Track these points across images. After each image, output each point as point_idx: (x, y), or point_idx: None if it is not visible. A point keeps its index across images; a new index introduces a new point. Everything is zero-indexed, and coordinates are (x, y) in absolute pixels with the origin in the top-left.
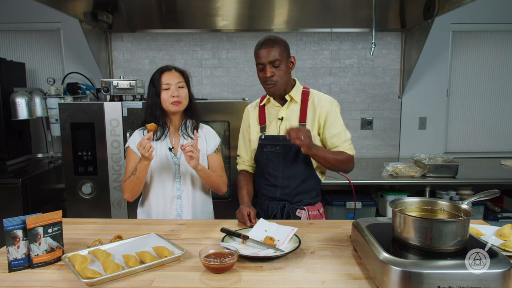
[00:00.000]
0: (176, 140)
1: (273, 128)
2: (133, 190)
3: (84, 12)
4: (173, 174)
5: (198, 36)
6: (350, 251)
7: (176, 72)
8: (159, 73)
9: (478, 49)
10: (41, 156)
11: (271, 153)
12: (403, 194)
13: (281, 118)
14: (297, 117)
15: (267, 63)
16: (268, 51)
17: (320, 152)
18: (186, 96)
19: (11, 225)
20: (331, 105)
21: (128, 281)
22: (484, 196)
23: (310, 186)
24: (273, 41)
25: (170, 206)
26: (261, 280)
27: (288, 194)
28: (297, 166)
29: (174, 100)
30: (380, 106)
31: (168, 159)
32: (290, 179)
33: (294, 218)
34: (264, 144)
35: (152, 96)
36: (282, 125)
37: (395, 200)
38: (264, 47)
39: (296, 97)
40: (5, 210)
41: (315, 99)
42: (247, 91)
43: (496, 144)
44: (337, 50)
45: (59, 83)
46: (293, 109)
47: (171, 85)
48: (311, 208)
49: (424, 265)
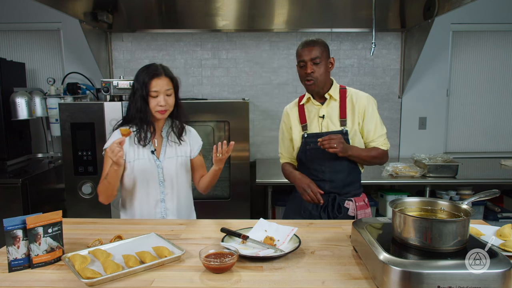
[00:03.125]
0: (159, 143)
1: (315, 126)
2: (106, 193)
3: (84, 12)
4: (156, 177)
5: (198, 36)
6: (350, 251)
7: (166, 78)
8: (148, 77)
9: (478, 49)
10: (41, 156)
11: (315, 149)
12: (403, 194)
13: (322, 116)
14: (337, 114)
15: (308, 60)
16: (310, 50)
17: (355, 152)
18: (172, 104)
19: (11, 225)
20: (368, 101)
21: (128, 281)
22: (484, 196)
23: (355, 178)
24: (315, 41)
25: (154, 210)
26: (261, 280)
27: (336, 187)
28: (341, 160)
29: (160, 110)
30: (380, 106)
31: (151, 162)
32: (337, 173)
33: (344, 210)
34: (307, 142)
35: (139, 100)
36: (324, 123)
37: (395, 200)
38: (306, 46)
39: (335, 95)
40: (5, 210)
41: (353, 96)
42: (247, 91)
43: (496, 144)
44: (337, 50)
45: (59, 83)
46: (333, 107)
47: (159, 93)
48: (357, 199)
49: (424, 265)
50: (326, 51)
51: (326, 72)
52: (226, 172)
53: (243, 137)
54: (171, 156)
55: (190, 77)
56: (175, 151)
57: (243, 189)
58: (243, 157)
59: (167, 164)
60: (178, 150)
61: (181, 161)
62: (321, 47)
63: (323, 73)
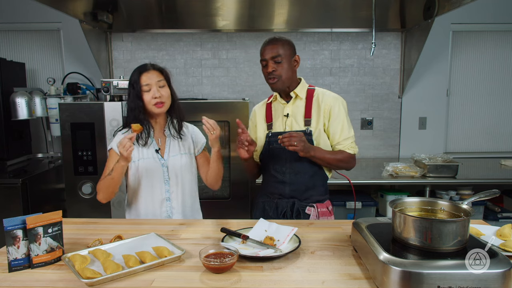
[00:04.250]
0: (162, 141)
1: (279, 125)
2: (107, 190)
3: (84, 12)
4: (161, 176)
5: (198, 36)
6: (350, 251)
7: (155, 71)
8: (137, 74)
9: (478, 49)
10: (41, 156)
11: (277, 149)
12: (403, 194)
13: (287, 115)
14: (302, 113)
15: (269, 59)
16: (271, 48)
17: (318, 153)
18: (168, 96)
19: (11, 225)
20: (335, 101)
21: (128, 281)
22: (484, 196)
23: (318, 182)
24: (277, 39)
25: (160, 209)
26: (261, 280)
27: (297, 190)
28: (304, 162)
29: (156, 102)
30: (380, 106)
31: (156, 161)
32: (298, 174)
33: (304, 216)
34: (271, 141)
35: (134, 99)
36: (288, 121)
37: (395, 200)
38: (267, 45)
39: (301, 93)
40: (5, 210)
41: (320, 95)
42: (247, 91)
43: (496, 144)
44: (337, 50)
45: (59, 83)
46: (298, 106)
47: (151, 86)
48: (320, 205)
49: (424, 265)
50: (289, 49)
51: (289, 70)
52: (226, 172)
53: None
54: (175, 154)
55: (190, 77)
56: (179, 149)
57: (243, 189)
58: None
59: (172, 162)
60: (181, 148)
61: (185, 159)
62: (284, 45)
63: (286, 71)
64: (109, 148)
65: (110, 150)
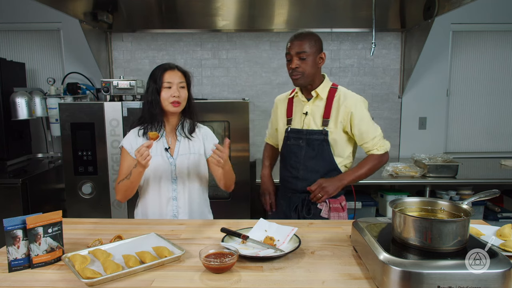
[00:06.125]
0: (172, 141)
1: (297, 122)
2: (126, 193)
3: (84, 12)
4: (169, 174)
5: (198, 36)
6: (350, 251)
7: (178, 71)
8: (161, 71)
9: (478, 49)
10: (41, 156)
11: (294, 146)
12: (403, 194)
13: (306, 113)
14: (321, 112)
15: (294, 54)
16: (297, 44)
17: (348, 178)
18: (185, 97)
19: (11, 225)
20: (356, 103)
21: (128, 281)
22: (484, 196)
23: None
24: (304, 35)
25: (166, 207)
26: (261, 280)
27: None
28: (319, 161)
29: (173, 100)
30: (380, 106)
31: (164, 160)
32: (311, 172)
33: (315, 211)
34: (288, 137)
35: (152, 93)
36: (306, 120)
37: (395, 200)
38: (294, 40)
39: (322, 93)
40: (5, 210)
41: (341, 96)
42: (247, 91)
43: (496, 144)
44: (337, 50)
45: (59, 83)
46: (318, 105)
47: (173, 84)
48: (333, 201)
49: (424, 265)
50: (315, 46)
51: (314, 67)
52: None
53: (243, 137)
54: (183, 153)
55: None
56: (188, 149)
57: (243, 189)
58: (243, 157)
59: (180, 161)
60: (191, 148)
61: (193, 159)
62: (310, 42)
63: (310, 68)
64: (120, 145)
65: (121, 147)
